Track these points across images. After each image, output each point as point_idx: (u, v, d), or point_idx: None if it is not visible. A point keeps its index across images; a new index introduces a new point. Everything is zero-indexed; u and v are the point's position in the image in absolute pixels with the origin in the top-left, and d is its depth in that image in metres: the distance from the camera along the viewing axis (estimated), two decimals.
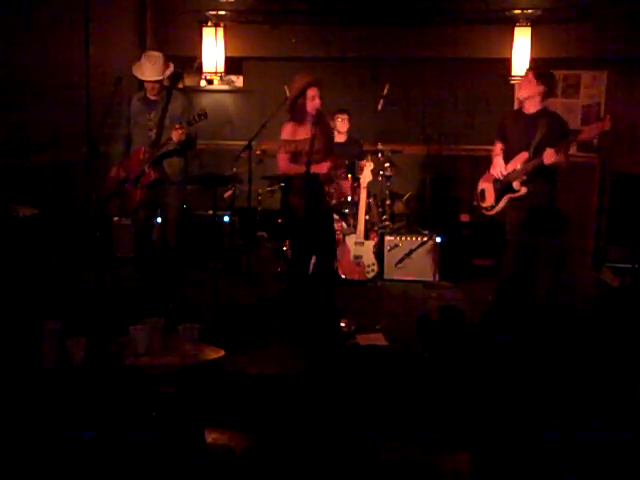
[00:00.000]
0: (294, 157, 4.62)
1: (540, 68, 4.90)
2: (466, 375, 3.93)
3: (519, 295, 4.75)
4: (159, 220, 5.28)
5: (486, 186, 4.89)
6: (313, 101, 4.54)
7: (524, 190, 4.63)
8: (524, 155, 4.59)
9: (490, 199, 4.84)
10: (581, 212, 6.83)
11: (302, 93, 4.54)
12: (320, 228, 4.72)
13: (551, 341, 4.32)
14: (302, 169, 4.51)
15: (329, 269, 4.92)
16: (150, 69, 4.85)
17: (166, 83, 5.08)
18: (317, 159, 4.53)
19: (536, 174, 4.56)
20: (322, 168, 4.59)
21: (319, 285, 4.81)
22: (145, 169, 4.86)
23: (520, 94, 4.77)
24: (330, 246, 4.86)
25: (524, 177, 4.61)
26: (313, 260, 5.05)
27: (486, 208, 4.88)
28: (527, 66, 6.48)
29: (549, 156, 4.39)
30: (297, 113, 4.59)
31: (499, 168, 4.76)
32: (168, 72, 4.92)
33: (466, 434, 3.34)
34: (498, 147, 4.88)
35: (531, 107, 4.68)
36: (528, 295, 4.76)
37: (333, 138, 5.04)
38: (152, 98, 4.96)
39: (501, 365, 4.03)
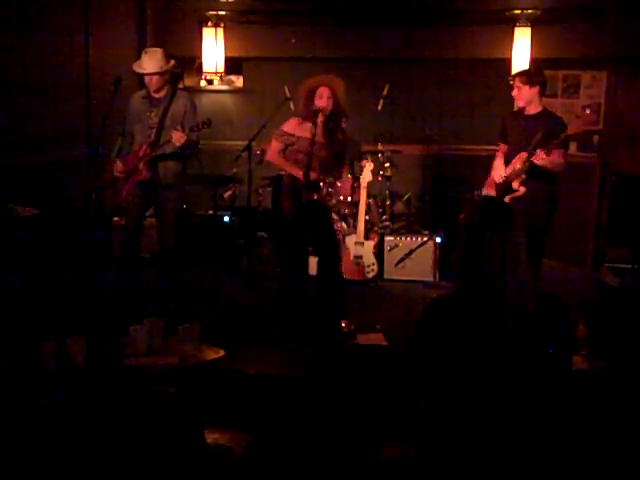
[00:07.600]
0: (285, 150, 4.69)
1: (524, 71, 4.91)
2: (465, 375, 3.92)
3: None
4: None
5: (490, 191, 4.87)
6: (320, 99, 4.61)
7: (523, 190, 4.61)
8: (523, 155, 4.59)
9: None
10: (581, 212, 6.83)
11: (313, 90, 4.63)
12: (314, 229, 4.73)
13: (549, 341, 4.31)
14: (288, 167, 4.63)
15: (334, 271, 4.90)
16: (147, 61, 4.81)
17: (167, 78, 4.98)
18: (314, 165, 4.56)
19: (532, 174, 4.56)
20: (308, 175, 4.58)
21: (325, 287, 4.81)
22: (139, 166, 4.84)
23: (519, 103, 4.76)
24: (330, 247, 4.85)
25: (523, 177, 4.60)
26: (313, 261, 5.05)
27: None
28: (527, 66, 6.47)
29: (538, 157, 4.41)
30: (306, 109, 4.67)
31: (498, 172, 4.76)
32: (167, 67, 4.86)
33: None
34: (501, 148, 4.88)
35: (531, 109, 4.69)
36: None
37: (334, 149, 4.71)
38: (155, 96, 4.91)
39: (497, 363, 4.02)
